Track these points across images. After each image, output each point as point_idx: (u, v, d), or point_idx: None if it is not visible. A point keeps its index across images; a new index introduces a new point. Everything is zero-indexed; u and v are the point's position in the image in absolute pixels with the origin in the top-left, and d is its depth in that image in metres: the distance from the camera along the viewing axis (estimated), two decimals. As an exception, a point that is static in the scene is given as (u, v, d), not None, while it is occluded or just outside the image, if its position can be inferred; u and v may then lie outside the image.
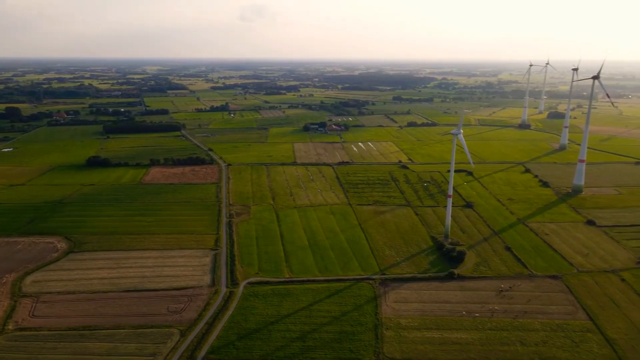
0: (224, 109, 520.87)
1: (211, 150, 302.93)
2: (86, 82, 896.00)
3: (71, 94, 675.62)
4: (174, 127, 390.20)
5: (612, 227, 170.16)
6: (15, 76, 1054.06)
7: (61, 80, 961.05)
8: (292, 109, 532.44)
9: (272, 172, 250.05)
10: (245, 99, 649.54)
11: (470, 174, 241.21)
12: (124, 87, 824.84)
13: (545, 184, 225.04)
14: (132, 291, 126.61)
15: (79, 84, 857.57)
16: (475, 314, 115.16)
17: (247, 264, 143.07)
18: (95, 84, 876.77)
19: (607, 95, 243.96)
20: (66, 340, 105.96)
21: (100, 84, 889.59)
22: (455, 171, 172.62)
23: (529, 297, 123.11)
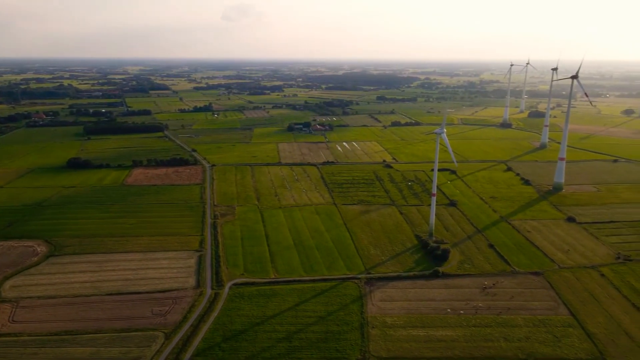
0: (207, 109, 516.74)
1: (195, 150, 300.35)
2: (65, 83, 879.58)
3: (50, 94, 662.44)
4: (156, 128, 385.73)
5: (592, 223, 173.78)
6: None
7: (40, 80, 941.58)
8: (276, 109, 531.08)
9: (257, 172, 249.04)
10: (229, 99, 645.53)
11: (453, 172, 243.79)
12: (104, 87, 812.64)
13: (526, 182, 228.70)
14: (115, 294, 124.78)
15: (58, 84, 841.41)
16: (460, 311, 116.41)
17: (232, 265, 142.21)
18: (75, 84, 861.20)
19: (586, 94, 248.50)
20: (47, 345, 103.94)
21: (80, 84, 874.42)
22: (439, 170, 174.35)
23: (512, 294, 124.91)
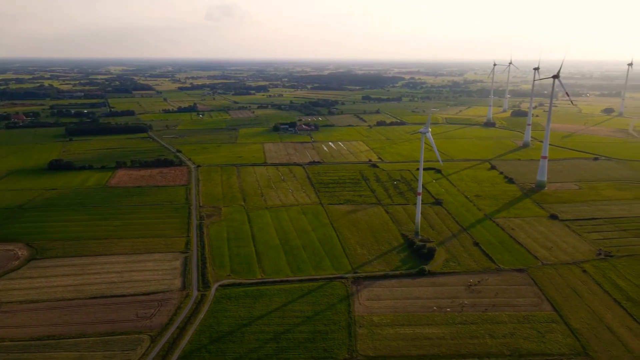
0: (192, 109, 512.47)
1: (180, 151, 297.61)
2: (46, 83, 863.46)
3: (30, 95, 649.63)
4: (140, 129, 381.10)
5: (574, 220, 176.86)
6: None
7: (19, 80, 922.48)
8: (262, 109, 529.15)
9: (243, 172, 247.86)
10: (213, 99, 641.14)
11: (438, 171, 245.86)
12: (86, 87, 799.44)
13: (510, 181, 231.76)
14: (99, 298, 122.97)
15: (38, 84, 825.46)
16: (446, 309, 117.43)
17: (218, 266, 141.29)
18: (56, 84, 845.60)
19: (567, 94, 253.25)
20: (30, 350, 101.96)
21: (61, 84, 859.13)
22: (424, 169, 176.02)
23: (496, 291, 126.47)
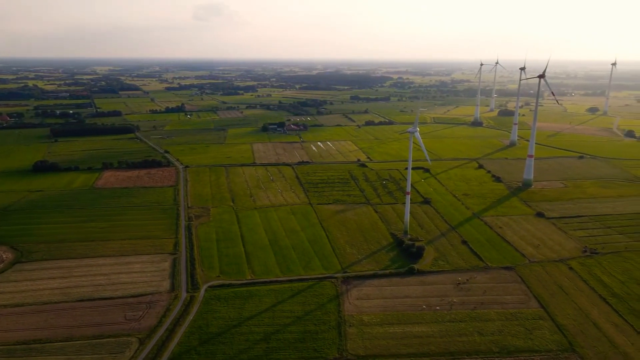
0: (180, 109, 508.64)
1: (167, 152, 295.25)
2: (30, 83, 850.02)
3: (14, 95, 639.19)
4: (127, 129, 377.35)
5: (560, 218, 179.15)
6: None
7: (2, 81, 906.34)
8: (250, 109, 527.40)
9: (232, 173, 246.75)
10: (201, 99, 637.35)
11: (427, 171, 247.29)
12: (72, 88, 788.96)
13: (497, 179, 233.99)
14: (86, 300, 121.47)
15: (22, 84, 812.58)
16: (436, 307, 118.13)
17: (207, 267, 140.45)
18: (40, 84, 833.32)
19: (552, 93, 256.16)
20: (15, 355, 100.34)
21: (46, 84, 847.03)
22: (412, 168, 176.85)
23: (484, 289, 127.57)
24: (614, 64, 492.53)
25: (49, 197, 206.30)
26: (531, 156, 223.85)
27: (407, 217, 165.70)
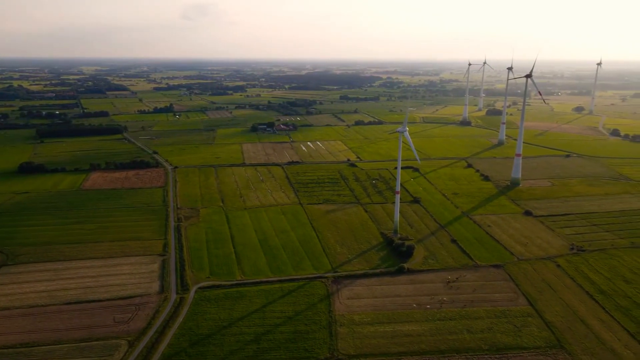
0: (168, 110, 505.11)
1: (156, 152, 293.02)
2: (15, 83, 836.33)
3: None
4: (115, 130, 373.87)
5: (547, 216, 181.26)
6: None
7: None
8: (240, 109, 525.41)
9: (221, 173, 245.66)
10: (190, 99, 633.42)
11: (416, 170, 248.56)
12: (58, 88, 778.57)
13: (486, 178, 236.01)
14: (74, 303, 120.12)
15: (7, 85, 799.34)
16: (426, 306, 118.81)
17: (197, 269, 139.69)
18: (25, 85, 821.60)
19: (539, 92, 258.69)
20: (2, 359, 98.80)
21: (31, 85, 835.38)
22: (402, 168, 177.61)
23: (474, 287, 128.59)
24: (599, 64, 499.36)
25: (35, 199, 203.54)
26: (519, 155, 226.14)
27: (397, 216, 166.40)
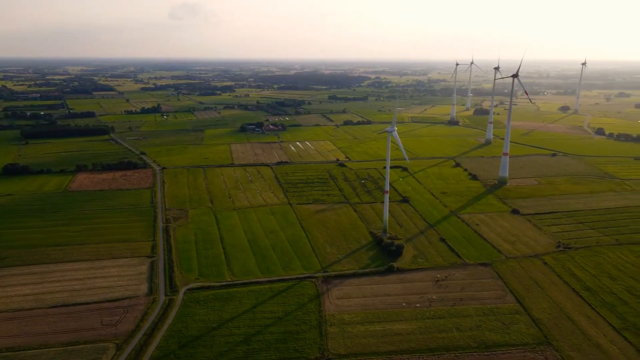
0: (156, 110, 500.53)
1: (144, 153, 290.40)
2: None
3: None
4: (101, 131, 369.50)
5: (534, 215, 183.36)
6: None
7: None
8: (228, 109, 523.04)
9: (210, 174, 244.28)
10: (178, 100, 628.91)
11: (405, 169, 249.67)
12: (43, 88, 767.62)
13: (474, 177, 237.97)
14: (61, 306, 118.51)
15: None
16: (415, 305, 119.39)
17: (186, 270, 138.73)
18: (9, 85, 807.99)
19: (526, 92, 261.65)
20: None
21: (15, 85, 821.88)
22: (391, 167, 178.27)
23: (463, 285, 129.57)
24: (584, 64, 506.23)
25: (20, 201, 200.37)
26: (506, 154, 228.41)
27: (386, 215, 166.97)
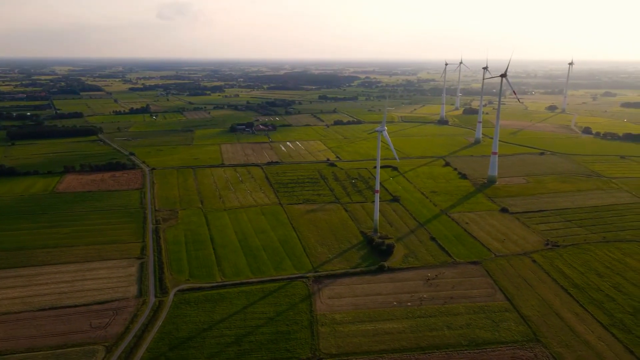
0: (145, 111, 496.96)
1: (133, 154, 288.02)
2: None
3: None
4: (90, 131, 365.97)
5: (523, 213, 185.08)
6: None
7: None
8: (218, 109, 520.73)
9: (200, 174, 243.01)
10: (167, 100, 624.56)
11: (395, 169, 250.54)
12: (29, 89, 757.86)
13: (463, 176, 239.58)
14: (49, 309, 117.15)
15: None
16: (406, 304, 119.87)
17: (176, 271, 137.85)
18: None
19: (514, 92, 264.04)
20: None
21: (0, 85, 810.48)
22: (381, 167, 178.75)
23: (453, 284, 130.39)
24: (571, 64, 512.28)
25: (6, 203, 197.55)
26: (495, 153, 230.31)
27: (377, 215, 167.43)
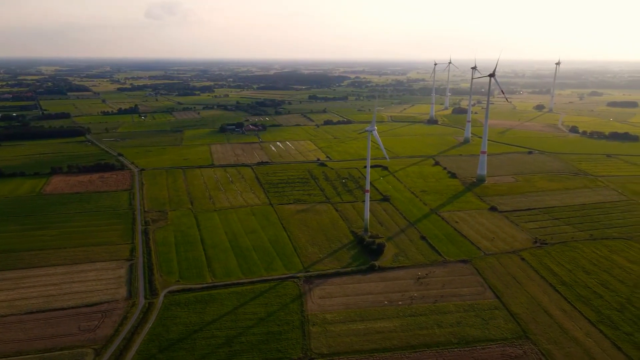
0: (133, 111, 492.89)
1: (121, 155, 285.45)
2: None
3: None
4: (77, 132, 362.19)
5: (512, 212, 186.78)
6: None
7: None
8: (207, 110, 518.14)
9: (189, 175, 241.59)
10: (156, 100, 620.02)
11: (385, 168, 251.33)
12: (15, 89, 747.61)
13: (453, 175, 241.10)
14: (36, 312, 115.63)
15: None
16: (397, 303, 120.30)
17: (166, 272, 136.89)
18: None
19: (502, 91, 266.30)
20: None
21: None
22: (371, 167, 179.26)
23: (443, 282, 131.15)
24: (558, 64, 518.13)
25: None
26: (484, 152, 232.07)
27: (367, 214, 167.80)
